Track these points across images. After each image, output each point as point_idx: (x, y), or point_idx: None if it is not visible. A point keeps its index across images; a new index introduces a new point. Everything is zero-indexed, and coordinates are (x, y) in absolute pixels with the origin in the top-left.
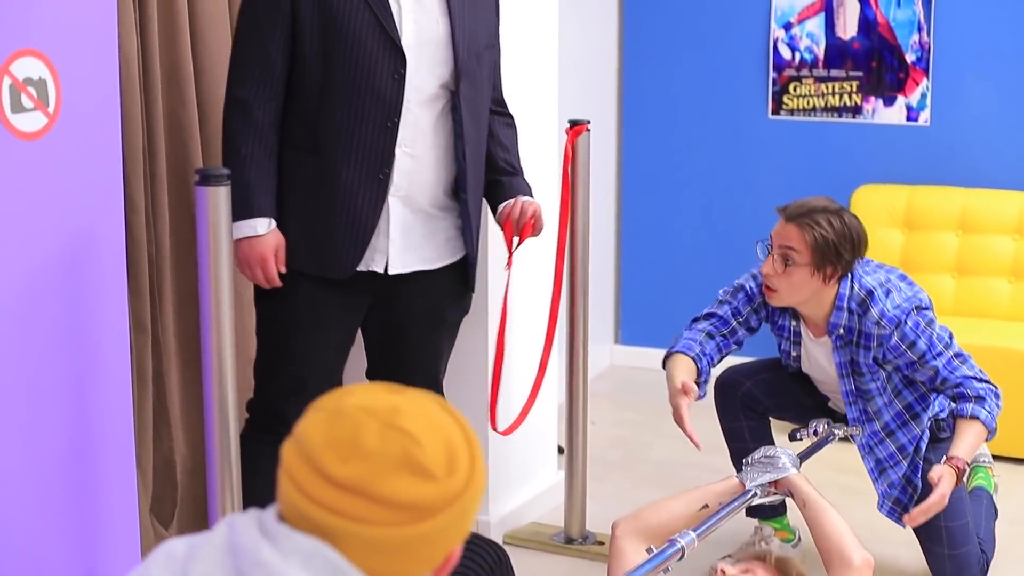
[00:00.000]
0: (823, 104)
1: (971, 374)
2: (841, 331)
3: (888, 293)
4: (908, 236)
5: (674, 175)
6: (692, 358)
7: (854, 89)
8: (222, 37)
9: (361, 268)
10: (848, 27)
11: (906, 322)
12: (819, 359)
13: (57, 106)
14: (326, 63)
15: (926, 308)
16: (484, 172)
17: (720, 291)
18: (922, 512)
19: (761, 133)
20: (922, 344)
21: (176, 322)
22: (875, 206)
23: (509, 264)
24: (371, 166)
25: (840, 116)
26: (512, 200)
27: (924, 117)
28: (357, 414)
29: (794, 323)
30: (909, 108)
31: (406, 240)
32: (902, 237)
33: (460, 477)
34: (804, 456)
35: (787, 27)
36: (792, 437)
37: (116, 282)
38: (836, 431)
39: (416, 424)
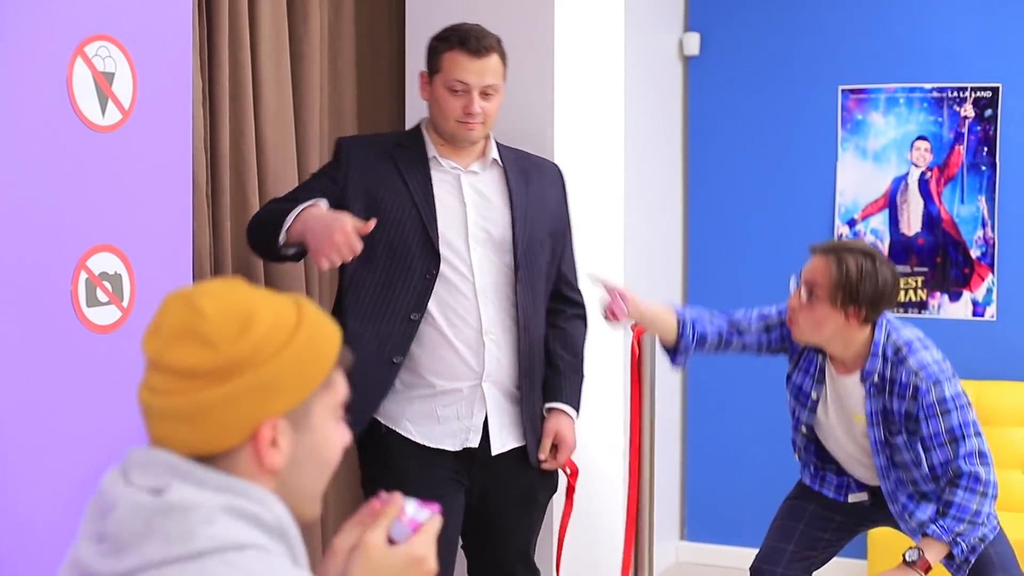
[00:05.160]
0: None
1: (985, 477)
2: (876, 379)
3: (926, 348)
4: None
5: (740, 373)
6: (678, 317)
7: (919, 284)
8: None
9: (457, 447)
10: (912, 223)
11: (945, 387)
12: (844, 400)
13: (131, 300)
14: (368, 241)
15: (960, 390)
16: (543, 361)
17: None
18: None
19: None
20: (955, 419)
21: None
22: None
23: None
24: (384, 351)
25: (906, 311)
26: (552, 421)
27: (990, 312)
28: (173, 298)
29: (820, 358)
30: (975, 303)
31: (501, 420)
32: None
33: (246, 345)
34: None
35: (851, 223)
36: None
37: None
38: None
39: (211, 299)
